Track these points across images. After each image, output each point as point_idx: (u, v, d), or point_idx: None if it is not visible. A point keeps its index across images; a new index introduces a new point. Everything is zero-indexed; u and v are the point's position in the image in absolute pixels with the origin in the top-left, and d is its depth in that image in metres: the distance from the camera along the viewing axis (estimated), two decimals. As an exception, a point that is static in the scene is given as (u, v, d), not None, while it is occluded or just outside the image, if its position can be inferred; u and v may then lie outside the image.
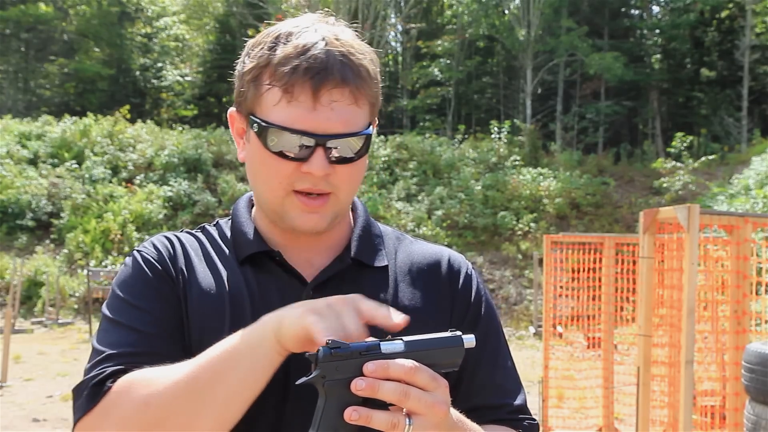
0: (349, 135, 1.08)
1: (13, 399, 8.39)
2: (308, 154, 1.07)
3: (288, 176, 1.10)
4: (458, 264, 1.27)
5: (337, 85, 1.06)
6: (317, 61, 1.06)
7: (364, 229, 1.25)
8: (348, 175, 1.12)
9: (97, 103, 30.28)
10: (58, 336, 13.65)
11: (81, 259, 17.41)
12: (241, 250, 1.19)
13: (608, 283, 6.52)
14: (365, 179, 20.70)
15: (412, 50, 33.25)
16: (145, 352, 1.07)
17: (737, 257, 4.27)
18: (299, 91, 1.05)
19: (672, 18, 29.20)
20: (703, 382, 5.58)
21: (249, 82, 1.10)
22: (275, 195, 1.12)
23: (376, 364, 0.90)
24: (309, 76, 1.05)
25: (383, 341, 0.92)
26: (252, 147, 1.13)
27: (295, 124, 1.06)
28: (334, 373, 0.90)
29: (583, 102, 29.68)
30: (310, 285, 1.15)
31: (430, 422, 0.91)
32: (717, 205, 16.45)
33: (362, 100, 1.10)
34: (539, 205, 20.19)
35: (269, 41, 1.10)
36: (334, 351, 0.90)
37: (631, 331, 8.08)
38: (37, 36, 33.26)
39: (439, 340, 0.95)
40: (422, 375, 0.91)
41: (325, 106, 1.06)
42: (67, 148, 21.36)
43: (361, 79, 1.09)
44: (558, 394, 7.67)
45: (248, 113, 1.12)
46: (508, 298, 17.11)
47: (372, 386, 0.89)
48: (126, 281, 1.15)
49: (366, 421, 0.89)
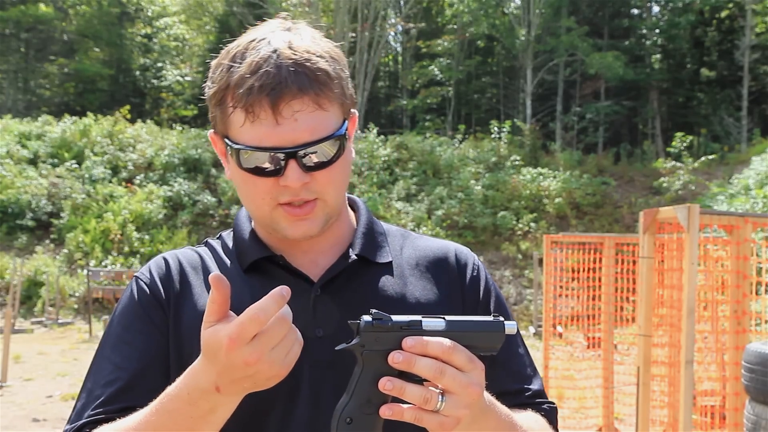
0: (318, 141, 1.09)
1: (13, 399, 8.39)
2: (282, 169, 1.09)
3: (269, 191, 1.11)
4: (465, 257, 1.30)
5: (295, 96, 1.07)
6: (270, 77, 1.06)
7: (367, 227, 1.27)
8: (328, 178, 1.13)
9: (97, 103, 30.27)
10: (58, 336, 13.65)
11: (81, 259, 17.41)
12: (244, 258, 1.22)
13: (608, 283, 6.52)
14: (365, 179, 20.71)
15: (412, 50, 33.24)
16: (127, 388, 1.13)
17: (737, 257, 4.27)
18: (259, 110, 1.07)
19: (672, 18, 29.18)
20: (703, 382, 5.59)
21: (215, 106, 1.12)
22: (262, 211, 1.14)
23: (415, 339, 0.91)
24: (265, 94, 1.06)
25: (425, 317, 0.94)
26: (232, 167, 1.15)
27: (262, 142, 1.08)
28: (374, 344, 0.92)
29: (583, 102, 29.67)
30: (317, 284, 1.17)
31: (462, 402, 0.92)
32: (717, 205, 16.45)
33: (326, 103, 1.10)
34: (539, 205, 20.20)
35: (227, 62, 1.11)
36: (375, 322, 0.92)
37: (631, 331, 8.08)
38: (37, 36, 33.25)
39: (480, 323, 0.97)
40: (459, 355, 0.92)
41: (288, 119, 1.07)
42: (67, 148, 21.36)
43: (320, 84, 1.09)
44: (558, 394, 7.67)
45: (222, 136, 1.14)
46: (508, 298, 17.12)
47: (409, 360, 0.91)
48: (122, 312, 1.21)
49: (399, 392, 0.90)
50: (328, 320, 1.15)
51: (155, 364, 1.16)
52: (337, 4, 27.69)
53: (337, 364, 1.12)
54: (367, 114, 28.89)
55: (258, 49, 1.09)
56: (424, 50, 32.41)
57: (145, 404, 1.05)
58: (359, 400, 0.92)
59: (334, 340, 1.11)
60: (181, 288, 1.20)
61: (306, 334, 1.10)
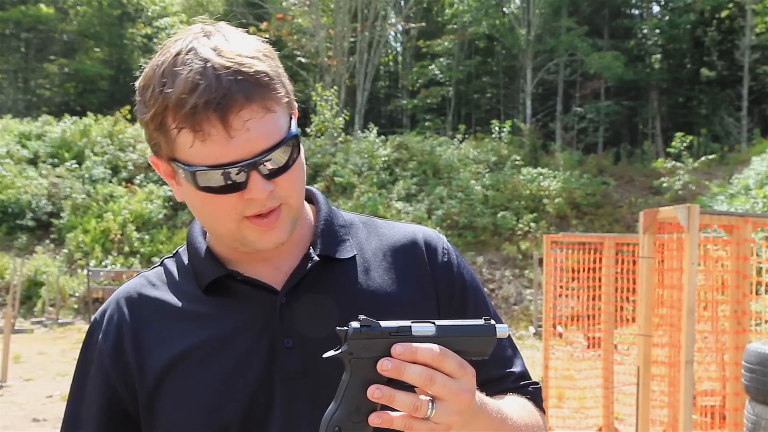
0: (275, 147, 1.04)
1: (13, 399, 8.39)
2: (244, 182, 1.04)
3: (233, 207, 1.06)
4: (434, 242, 1.24)
5: (243, 105, 1.01)
6: (212, 91, 1.00)
7: (327, 222, 1.21)
8: (290, 181, 1.08)
9: (97, 103, 30.28)
10: (58, 336, 13.65)
11: (81, 259, 17.41)
12: (201, 279, 1.16)
13: (608, 283, 6.52)
14: (365, 179, 20.71)
15: (412, 50, 33.24)
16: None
17: (737, 257, 4.27)
18: (209, 127, 1.00)
19: (672, 18, 29.18)
20: (703, 382, 5.58)
21: (156, 130, 1.05)
22: (228, 228, 1.09)
23: (405, 346, 0.89)
24: (212, 109, 1.00)
25: (415, 323, 0.92)
26: (187, 190, 1.09)
27: (218, 159, 1.02)
28: (362, 351, 0.90)
29: (583, 102, 29.66)
30: (282, 292, 1.13)
31: (453, 409, 0.90)
32: (717, 205, 16.44)
33: (273, 105, 1.05)
34: (539, 205, 20.19)
35: (156, 82, 1.03)
36: (364, 329, 0.90)
37: (631, 331, 8.08)
38: (37, 36, 33.26)
39: (471, 328, 0.95)
40: (450, 361, 0.90)
41: (240, 130, 1.01)
42: (67, 148, 21.37)
43: (263, 87, 1.03)
44: (558, 394, 7.67)
45: (168, 158, 1.07)
46: (508, 298, 17.11)
47: (398, 368, 0.88)
48: (75, 373, 1.21)
49: (388, 400, 0.88)
50: (297, 328, 1.11)
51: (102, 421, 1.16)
52: (337, 4, 27.67)
53: (311, 373, 1.09)
54: (367, 114, 28.89)
55: (187, 63, 1.02)
56: (424, 50, 32.41)
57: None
58: (348, 409, 0.90)
59: (305, 348, 1.09)
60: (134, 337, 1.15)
61: (275, 345, 1.10)
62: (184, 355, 1.12)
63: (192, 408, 1.09)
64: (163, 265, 1.24)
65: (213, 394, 1.09)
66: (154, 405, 1.12)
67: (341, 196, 19.95)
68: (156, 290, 1.19)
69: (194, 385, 1.10)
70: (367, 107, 29.36)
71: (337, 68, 26.64)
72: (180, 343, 1.12)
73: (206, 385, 1.10)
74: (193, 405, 1.09)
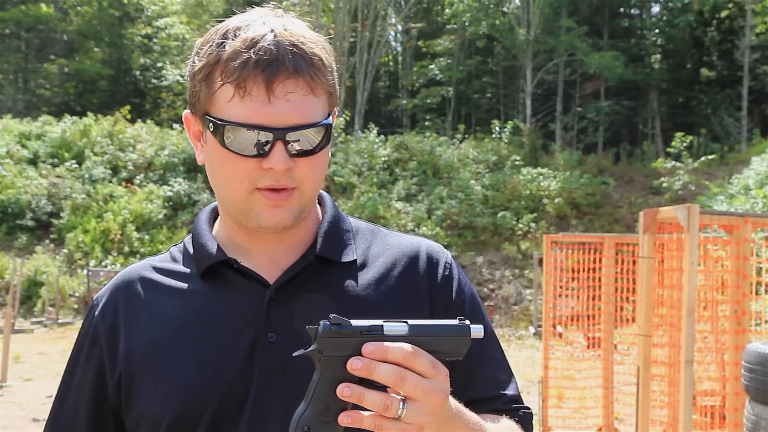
0: (308, 126, 1.05)
1: (13, 399, 8.39)
2: (268, 150, 1.04)
3: (249, 174, 1.06)
4: (437, 255, 1.23)
5: (291, 76, 1.03)
6: (267, 53, 1.02)
7: (331, 223, 1.21)
8: (310, 168, 1.08)
9: (97, 103, 30.29)
10: (58, 336, 13.64)
11: (81, 259, 17.41)
12: (200, 263, 1.17)
13: (608, 283, 6.52)
14: (365, 179, 20.71)
15: (412, 50, 33.24)
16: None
17: (737, 257, 4.27)
18: (252, 85, 1.02)
19: (672, 18, 29.19)
20: (703, 382, 5.58)
21: (200, 82, 1.07)
22: (238, 194, 1.09)
23: (375, 345, 0.88)
24: (261, 69, 1.02)
25: (387, 322, 0.91)
26: (210, 148, 1.10)
27: (250, 119, 1.03)
28: (332, 350, 0.89)
29: (583, 102, 29.67)
30: (272, 287, 1.12)
31: (425, 409, 0.88)
32: (717, 205, 16.44)
33: (318, 89, 1.06)
34: (539, 205, 20.20)
35: (217, 38, 1.06)
36: (334, 327, 0.89)
37: (631, 331, 8.08)
38: (37, 36, 33.26)
39: (445, 327, 0.93)
40: (422, 361, 0.89)
41: (281, 99, 1.03)
42: (67, 148, 21.37)
43: (316, 69, 1.06)
44: (558, 394, 7.67)
45: (203, 113, 1.08)
46: (507, 298, 17.11)
47: (368, 367, 0.87)
48: (72, 349, 1.22)
49: (358, 399, 0.87)
50: (282, 324, 1.11)
51: (91, 407, 1.18)
52: (337, 4, 27.68)
53: (289, 370, 1.08)
54: (367, 114, 28.90)
55: (253, 27, 1.05)
56: (424, 50, 32.42)
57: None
58: (317, 408, 0.89)
59: (288, 345, 1.08)
60: (125, 324, 1.16)
61: (258, 338, 1.10)
62: (169, 337, 1.12)
63: (169, 394, 1.09)
64: (168, 252, 1.25)
65: (193, 380, 1.09)
66: (134, 386, 1.12)
67: (341, 196, 19.95)
68: (156, 273, 1.20)
69: (175, 370, 1.10)
70: (367, 107, 29.36)
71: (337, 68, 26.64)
72: (168, 325, 1.13)
73: (187, 371, 1.10)
74: (172, 389, 1.09)
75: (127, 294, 1.19)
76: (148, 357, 1.12)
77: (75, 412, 1.18)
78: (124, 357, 1.14)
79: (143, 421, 1.12)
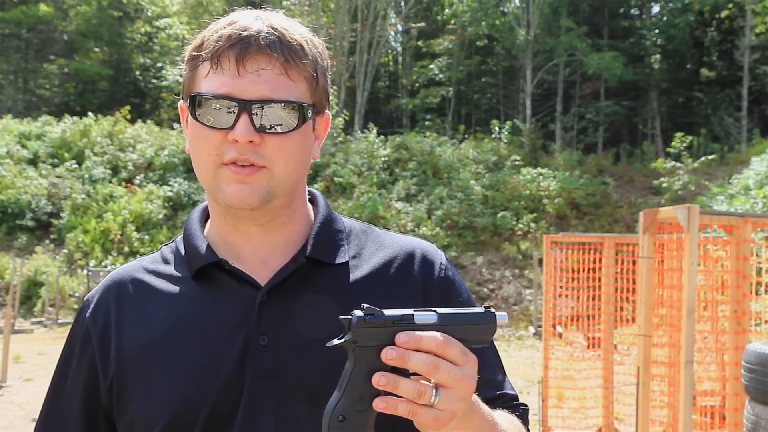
0: (276, 101, 1.05)
1: (13, 399, 8.39)
2: (233, 121, 1.05)
3: (217, 146, 1.07)
4: (431, 257, 1.22)
5: (263, 52, 1.05)
6: (244, 29, 1.06)
7: (323, 224, 1.20)
8: (279, 147, 1.08)
9: (97, 103, 30.29)
10: (57, 336, 13.64)
11: (81, 259, 17.41)
12: (191, 265, 1.16)
13: (608, 283, 6.52)
14: (365, 179, 20.70)
15: (412, 50, 33.24)
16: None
17: (737, 257, 4.27)
18: (224, 59, 1.05)
19: (671, 18, 29.19)
20: (703, 382, 5.58)
21: (187, 64, 1.12)
22: (207, 169, 1.09)
23: (409, 335, 0.89)
24: (234, 43, 1.05)
25: (417, 311, 0.92)
26: (189, 127, 1.12)
27: (219, 90, 1.05)
28: (366, 340, 0.90)
29: (582, 102, 29.68)
30: (264, 289, 1.11)
31: (457, 396, 0.91)
32: (717, 205, 16.44)
33: (294, 73, 1.07)
34: (539, 205, 20.20)
35: (209, 26, 1.11)
36: (368, 318, 0.90)
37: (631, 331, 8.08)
38: (37, 36, 33.26)
39: (472, 315, 0.95)
40: (453, 349, 0.90)
41: (251, 73, 1.05)
42: (67, 148, 21.38)
43: (292, 52, 1.07)
44: (558, 394, 7.66)
45: (187, 96, 1.11)
46: (507, 298, 17.11)
47: (402, 356, 0.88)
48: (62, 349, 1.22)
49: (393, 387, 0.88)
50: (274, 327, 1.10)
51: (83, 410, 1.17)
52: (337, 4, 27.68)
53: (281, 374, 1.08)
54: (367, 114, 28.89)
55: (243, 16, 1.10)
56: (424, 50, 32.42)
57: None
58: (351, 397, 0.90)
59: (279, 348, 1.09)
60: (116, 328, 1.15)
61: (249, 342, 1.09)
62: (160, 340, 1.12)
63: (162, 399, 1.09)
64: (160, 251, 1.25)
65: (185, 386, 1.09)
66: (126, 389, 1.12)
67: (341, 197, 19.95)
68: (147, 274, 1.20)
69: (167, 375, 1.10)
70: (367, 107, 29.37)
71: (337, 68, 26.64)
72: (159, 328, 1.13)
73: (178, 376, 1.09)
74: (164, 395, 1.09)
75: (118, 295, 1.18)
76: (140, 360, 1.12)
77: (68, 415, 1.18)
78: (116, 359, 1.13)
79: (135, 425, 1.11)
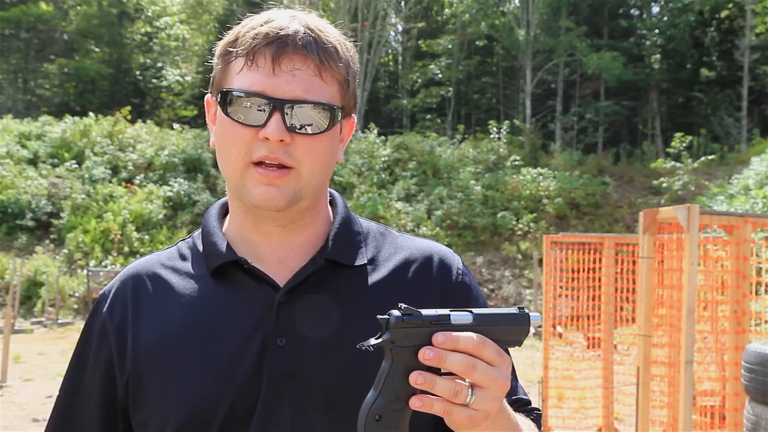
0: (309, 102, 1.06)
1: (13, 399, 8.39)
2: (265, 119, 1.05)
3: (246, 144, 1.07)
4: (449, 261, 1.23)
5: (299, 52, 1.05)
6: (281, 29, 1.06)
7: (342, 225, 1.19)
8: (309, 148, 1.07)
9: (97, 103, 30.28)
10: (57, 336, 13.64)
11: (81, 259, 17.41)
12: (210, 262, 1.15)
13: (608, 283, 6.52)
14: (365, 179, 20.71)
15: (412, 50, 33.24)
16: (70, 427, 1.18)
17: (737, 257, 4.27)
18: (259, 57, 1.05)
19: (671, 18, 29.19)
20: (703, 382, 5.58)
21: (220, 58, 1.11)
22: (235, 167, 1.09)
23: (446, 335, 0.90)
24: (270, 41, 1.05)
25: (453, 311, 0.93)
26: (217, 122, 1.12)
27: (252, 87, 1.05)
28: (403, 340, 0.90)
29: (582, 102, 29.67)
30: (282, 290, 1.11)
31: (492, 395, 0.92)
32: (717, 205, 16.44)
33: (328, 75, 1.07)
34: (539, 205, 20.20)
35: (243, 22, 1.12)
36: (406, 318, 0.90)
37: (631, 331, 8.08)
38: (37, 36, 33.24)
39: (507, 316, 0.96)
40: (489, 350, 0.91)
41: (286, 72, 1.05)
42: (67, 148, 21.37)
43: (327, 54, 1.07)
44: (558, 394, 7.67)
45: (217, 91, 1.11)
46: (507, 298, 17.11)
47: (440, 357, 0.89)
48: (78, 344, 1.21)
49: (430, 386, 0.89)
50: (292, 328, 1.10)
51: (101, 404, 1.16)
52: (337, 4, 27.69)
53: (299, 375, 1.08)
54: (367, 114, 28.89)
55: (279, 14, 1.10)
56: (424, 50, 32.41)
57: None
58: (388, 397, 0.90)
59: (297, 349, 1.08)
60: (133, 322, 1.14)
61: (267, 343, 1.09)
62: (178, 338, 1.11)
63: (178, 397, 1.08)
64: (176, 247, 1.24)
65: (202, 385, 1.08)
66: (142, 386, 1.11)
67: (341, 196, 19.96)
68: (165, 270, 1.19)
69: (184, 374, 1.09)
70: (367, 107, 29.37)
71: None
72: (177, 325, 1.12)
73: (195, 374, 1.09)
74: (180, 394, 1.08)
75: (135, 290, 1.17)
76: (156, 357, 1.11)
77: (87, 410, 1.16)
78: (133, 355, 1.13)
79: (150, 423, 1.11)
